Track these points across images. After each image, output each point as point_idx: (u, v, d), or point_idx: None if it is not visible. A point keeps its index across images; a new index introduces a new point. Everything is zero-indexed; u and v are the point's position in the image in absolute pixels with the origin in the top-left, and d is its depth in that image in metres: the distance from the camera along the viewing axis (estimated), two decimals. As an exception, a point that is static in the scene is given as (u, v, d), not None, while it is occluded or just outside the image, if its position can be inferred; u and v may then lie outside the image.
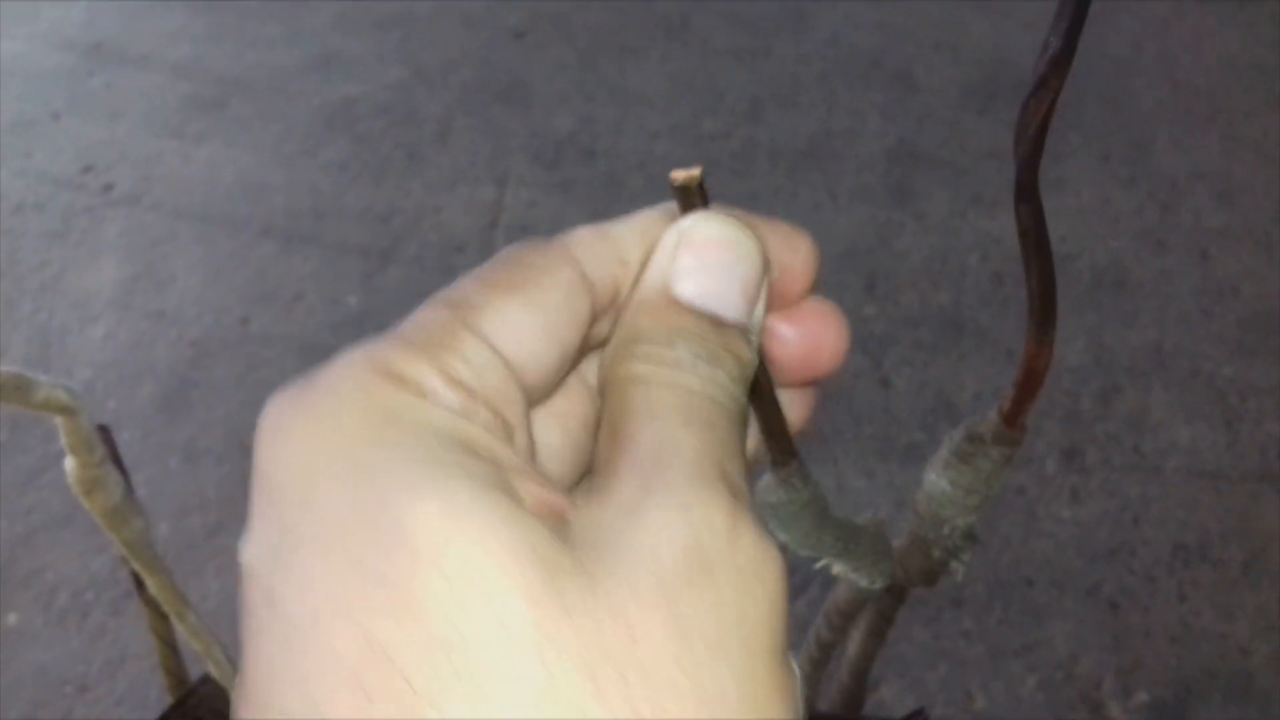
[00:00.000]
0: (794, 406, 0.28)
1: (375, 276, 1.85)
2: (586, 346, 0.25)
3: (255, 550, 0.20)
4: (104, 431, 0.48)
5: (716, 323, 0.24)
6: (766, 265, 0.25)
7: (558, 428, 0.26)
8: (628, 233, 0.25)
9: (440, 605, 0.18)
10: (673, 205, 0.26)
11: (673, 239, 0.25)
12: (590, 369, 0.27)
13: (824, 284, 0.28)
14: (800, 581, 1.44)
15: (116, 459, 0.49)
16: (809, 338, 0.26)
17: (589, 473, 0.23)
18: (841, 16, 2.37)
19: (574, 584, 0.18)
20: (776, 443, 0.28)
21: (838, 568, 0.37)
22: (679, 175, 0.25)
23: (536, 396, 0.24)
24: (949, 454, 0.40)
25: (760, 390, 0.26)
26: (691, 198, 0.25)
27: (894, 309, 1.79)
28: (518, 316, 0.23)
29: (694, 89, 2.22)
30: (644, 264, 0.25)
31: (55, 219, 1.97)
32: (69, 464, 0.47)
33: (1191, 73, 2.22)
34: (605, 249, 0.25)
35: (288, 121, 2.16)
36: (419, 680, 0.17)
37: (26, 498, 1.57)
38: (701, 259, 0.24)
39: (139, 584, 0.53)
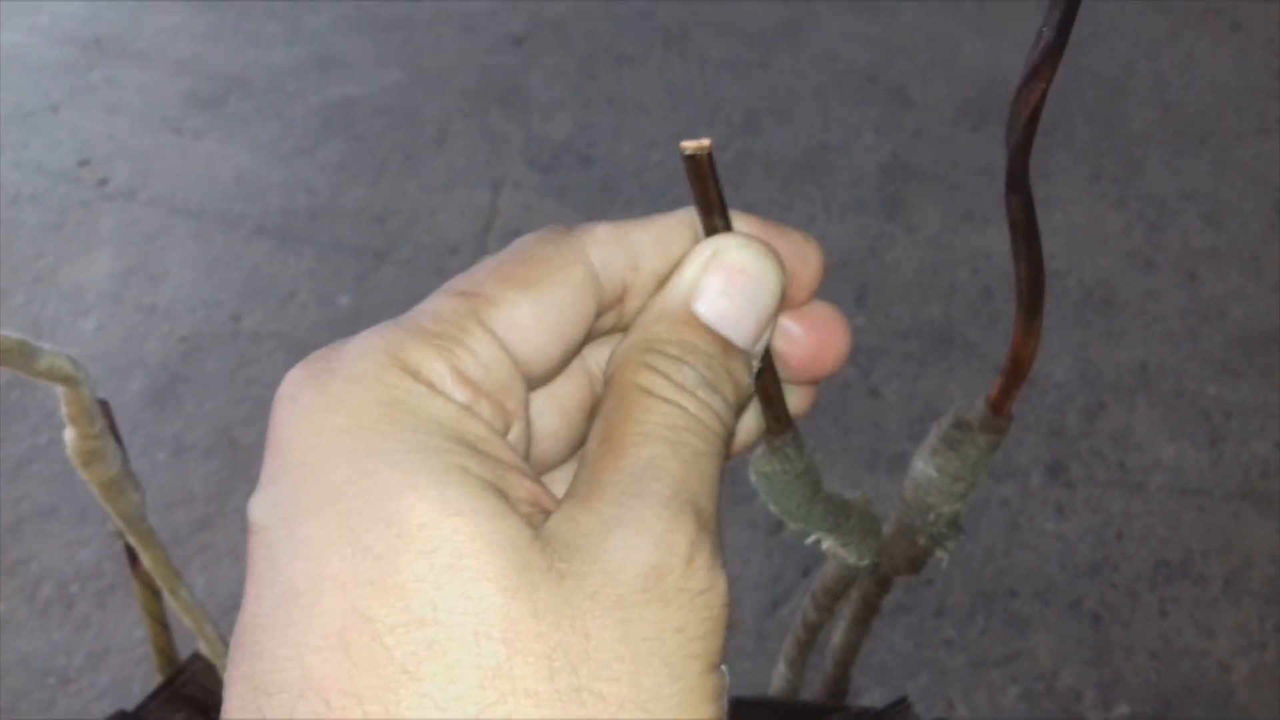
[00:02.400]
0: (791, 399, 0.30)
1: (368, 277, 1.85)
2: (589, 338, 0.26)
3: (263, 510, 0.21)
4: (103, 405, 0.49)
5: (726, 346, 0.25)
6: (782, 298, 0.26)
7: (555, 410, 0.27)
8: (644, 238, 0.26)
9: (422, 586, 0.20)
10: (690, 215, 0.26)
11: (705, 255, 0.26)
12: (590, 354, 0.28)
13: (816, 294, 0.28)
14: (782, 591, 1.45)
15: (115, 432, 0.49)
16: (815, 338, 0.28)
17: (580, 463, 0.24)
18: (838, 32, 2.39)
19: (544, 582, 0.20)
20: (772, 410, 0.29)
21: (827, 543, 0.37)
22: (689, 145, 0.25)
23: (537, 384, 0.25)
24: (937, 441, 0.41)
25: (761, 361, 0.27)
26: (701, 168, 0.25)
27: (884, 321, 1.80)
28: (527, 312, 0.24)
29: (691, 99, 2.24)
30: (658, 272, 0.26)
31: (51, 211, 1.97)
32: (69, 434, 0.47)
33: (1183, 95, 2.24)
34: (620, 251, 0.26)
35: (286, 120, 2.16)
36: (397, 649, 0.19)
37: (15, 487, 1.57)
38: (727, 284, 0.25)
39: (133, 558, 0.54)
